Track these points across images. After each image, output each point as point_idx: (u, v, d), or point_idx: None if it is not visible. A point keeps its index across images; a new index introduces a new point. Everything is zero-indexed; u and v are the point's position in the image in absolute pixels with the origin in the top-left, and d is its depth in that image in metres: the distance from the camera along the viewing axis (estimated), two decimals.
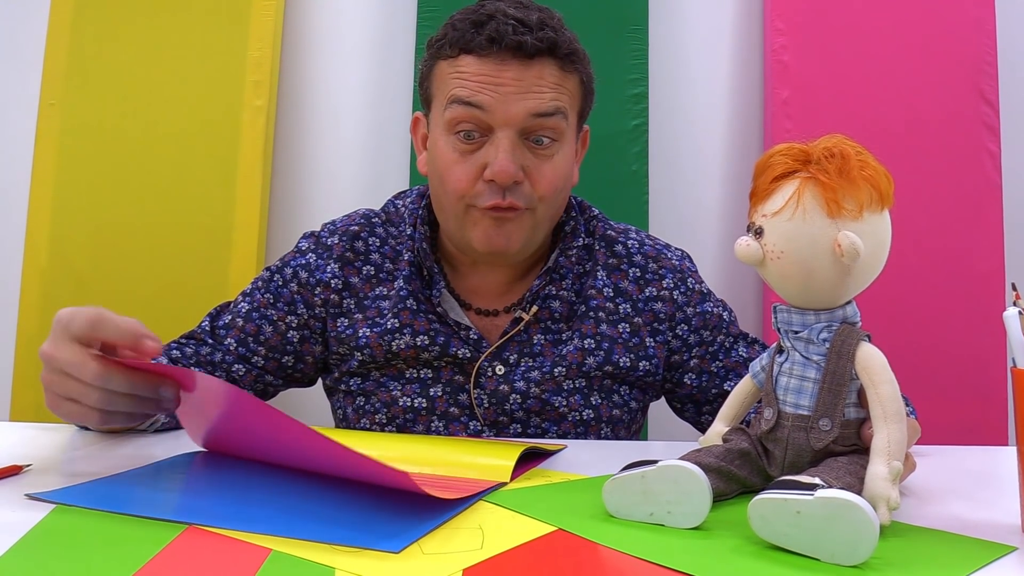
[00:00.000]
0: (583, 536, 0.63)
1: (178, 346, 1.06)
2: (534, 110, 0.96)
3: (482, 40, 0.95)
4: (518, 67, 0.96)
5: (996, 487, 0.81)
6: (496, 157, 0.96)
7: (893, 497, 0.60)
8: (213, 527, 0.62)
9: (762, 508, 0.59)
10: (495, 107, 0.96)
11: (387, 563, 0.57)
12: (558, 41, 0.97)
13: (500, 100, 0.95)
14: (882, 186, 0.65)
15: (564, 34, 0.99)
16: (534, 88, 0.96)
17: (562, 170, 1.01)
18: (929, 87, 1.68)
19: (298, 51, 1.73)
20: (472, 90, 0.96)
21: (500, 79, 0.96)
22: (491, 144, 0.97)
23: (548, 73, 0.97)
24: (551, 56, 0.97)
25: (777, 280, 0.68)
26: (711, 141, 1.73)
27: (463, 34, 0.97)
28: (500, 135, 0.96)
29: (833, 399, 0.66)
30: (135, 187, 1.65)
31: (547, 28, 0.97)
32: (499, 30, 0.95)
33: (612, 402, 1.06)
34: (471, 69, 0.96)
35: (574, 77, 1.01)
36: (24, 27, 1.70)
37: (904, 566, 0.57)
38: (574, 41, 1.00)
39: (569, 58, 0.99)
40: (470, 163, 0.98)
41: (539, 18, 0.97)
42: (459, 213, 1.00)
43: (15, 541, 0.59)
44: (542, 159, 0.99)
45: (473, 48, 0.96)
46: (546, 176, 0.99)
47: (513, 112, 0.96)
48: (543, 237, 1.05)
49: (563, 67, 0.99)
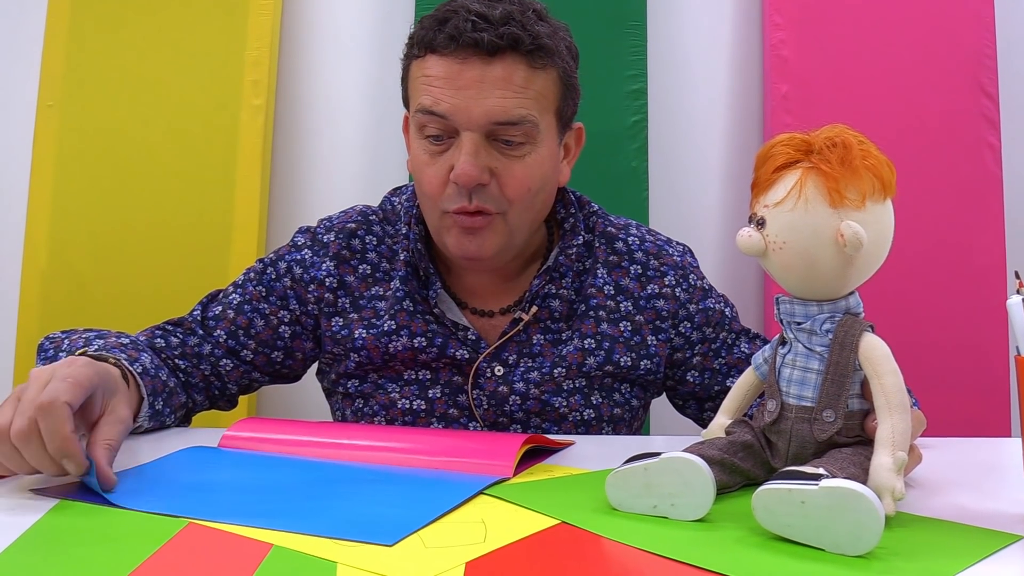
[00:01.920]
0: (586, 529, 0.62)
1: (164, 334, 1.04)
2: (496, 117, 0.93)
3: (443, 38, 0.93)
4: (480, 65, 0.92)
5: (1000, 478, 0.81)
6: (459, 160, 0.93)
7: (898, 487, 0.60)
8: (213, 522, 0.62)
9: (766, 499, 0.59)
10: (456, 113, 0.93)
11: (389, 557, 0.56)
12: (521, 37, 0.92)
13: (461, 105, 0.92)
14: (884, 175, 0.65)
15: (533, 28, 0.93)
16: (497, 90, 0.93)
17: (536, 171, 0.97)
18: (929, 81, 1.68)
19: (296, 50, 1.72)
20: (435, 98, 0.93)
21: (461, 80, 0.93)
22: (456, 146, 0.95)
23: (514, 72, 0.93)
24: (515, 52, 0.93)
25: (779, 271, 0.68)
26: (711, 137, 1.72)
27: (427, 32, 0.95)
28: (464, 138, 0.94)
29: (837, 390, 0.66)
30: (134, 187, 1.64)
31: (512, 23, 0.93)
32: (459, 26, 0.92)
33: (613, 401, 1.05)
34: (434, 71, 0.94)
35: (547, 73, 0.96)
36: (21, 27, 1.70)
37: (909, 556, 0.57)
38: (545, 35, 0.94)
39: (536, 54, 0.94)
40: (439, 165, 0.96)
41: (504, 12, 0.93)
42: (435, 219, 0.99)
43: (15, 538, 0.59)
44: (512, 159, 0.96)
45: (436, 47, 0.94)
46: (516, 177, 0.96)
47: (474, 116, 0.93)
48: (523, 240, 1.03)
49: (531, 64, 0.94)
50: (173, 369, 1.02)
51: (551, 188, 1.02)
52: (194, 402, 1.04)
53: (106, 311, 1.59)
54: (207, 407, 1.08)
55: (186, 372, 1.03)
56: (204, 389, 1.05)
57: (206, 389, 1.05)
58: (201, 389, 1.05)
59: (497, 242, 0.98)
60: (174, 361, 1.02)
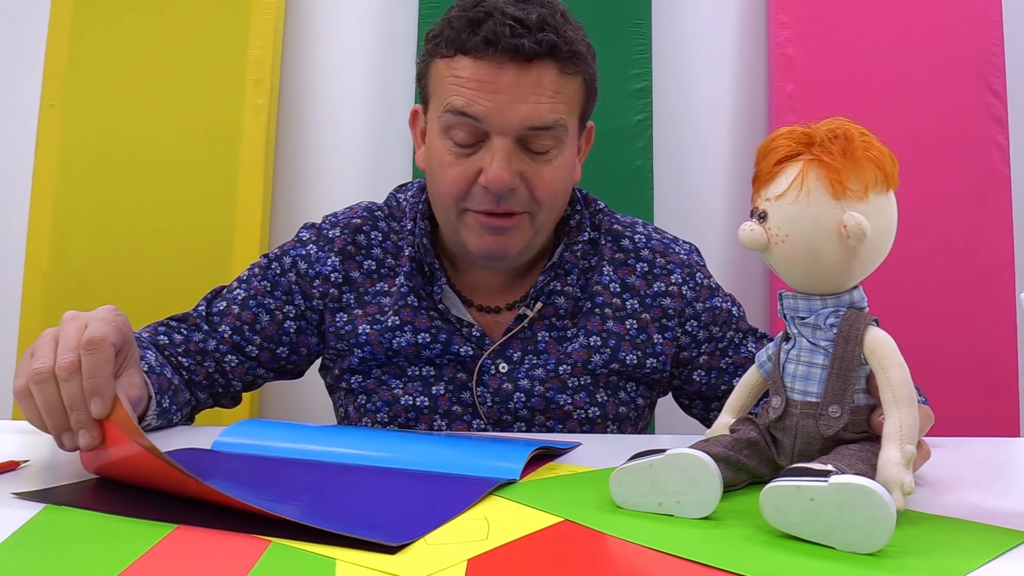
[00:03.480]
0: (590, 527, 0.61)
1: (167, 330, 1.04)
2: (531, 123, 0.93)
3: (478, 41, 0.92)
4: (515, 71, 0.92)
5: (1011, 477, 0.80)
6: (491, 165, 0.93)
7: (907, 481, 0.59)
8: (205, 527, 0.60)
9: (775, 496, 0.58)
10: (490, 116, 0.93)
11: (390, 554, 0.56)
12: (558, 43, 0.93)
13: (496, 109, 0.92)
14: (887, 167, 0.64)
15: (566, 33, 0.94)
16: (531, 95, 0.93)
17: (562, 173, 0.98)
18: (935, 79, 1.67)
19: (299, 49, 1.72)
20: (467, 99, 0.93)
21: (496, 85, 0.92)
22: (486, 150, 0.94)
23: (547, 78, 0.93)
24: (551, 59, 0.93)
25: (782, 265, 0.66)
26: (716, 135, 1.72)
27: (459, 33, 0.94)
28: (496, 142, 0.93)
29: (842, 385, 0.65)
30: (136, 187, 1.64)
31: (547, 29, 0.92)
32: (496, 31, 0.91)
33: (618, 399, 1.05)
34: (467, 73, 0.93)
35: (576, 79, 0.97)
36: (24, 27, 1.70)
37: (921, 553, 0.56)
38: (576, 40, 0.95)
39: (571, 60, 0.95)
40: (465, 166, 0.95)
41: (539, 17, 0.92)
42: (452, 216, 0.99)
43: (6, 536, 0.58)
44: (541, 163, 0.96)
45: (469, 49, 0.93)
46: (545, 180, 0.96)
47: (509, 121, 0.93)
48: (544, 240, 1.03)
49: (564, 70, 0.95)
50: (176, 367, 1.02)
51: (571, 188, 1.04)
52: (198, 400, 1.04)
53: None
54: (210, 405, 1.07)
55: (189, 370, 1.03)
56: (208, 387, 1.05)
57: (210, 386, 1.05)
58: (205, 387, 1.04)
59: (522, 242, 0.99)
60: (177, 359, 1.02)
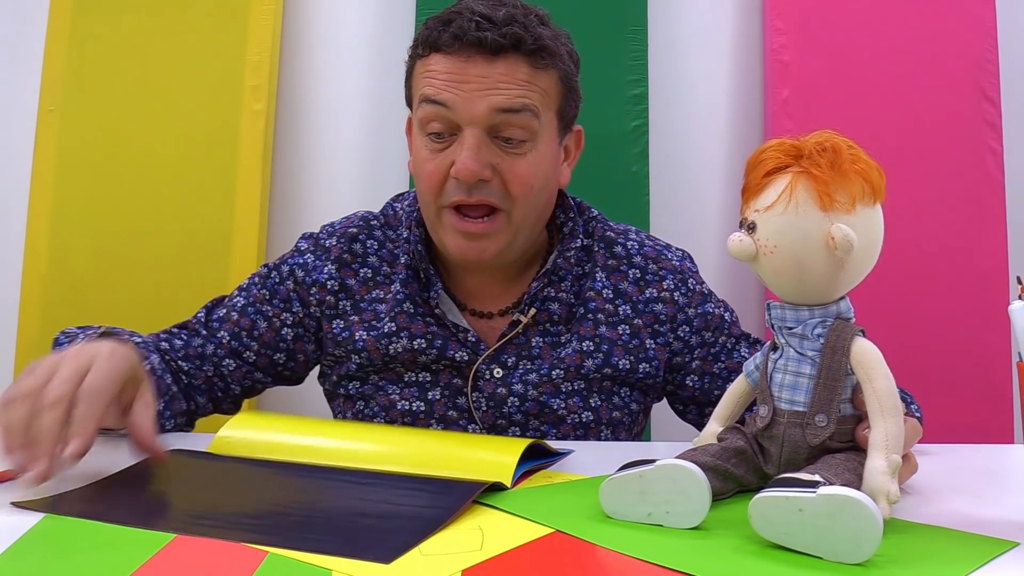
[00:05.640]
0: (581, 538, 0.62)
1: (168, 336, 1.06)
2: (498, 106, 0.95)
3: (447, 37, 0.95)
4: (483, 63, 0.95)
5: (1001, 484, 0.81)
6: (461, 155, 0.95)
7: (893, 491, 0.60)
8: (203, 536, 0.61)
9: (763, 507, 0.59)
10: (459, 104, 0.95)
11: (385, 565, 0.56)
12: (523, 36, 0.95)
13: (465, 97, 0.95)
14: (874, 179, 0.65)
15: (534, 29, 0.96)
16: (500, 84, 0.95)
17: (538, 169, 0.99)
18: (930, 85, 1.67)
19: (297, 55, 1.72)
20: (438, 88, 0.96)
21: (464, 76, 0.95)
22: (458, 142, 0.96)
23: (518, 70, 0.96)
24: (517, 52, 0.96)
25: (770, 275, 0.67)
26: (711, 141, 1.72)
27: (432, 32, 0.97)
28: (466, 133, 0.95)
29: (829, 395, 0.66)
30: (135, 192, 1.64)
31: (514, 24, 0.95)
32: (463, 27, 0.95)
33: (612, 404, 1.05)
34: (439, 67, 0.96)
35: (548, 74, 0.99)
36: (23, 33, 1.70)
37: (908, 563, 0.57)
38: (546, 37, 0.97)
39: (538, 54, 0.97)
40: (439, 160, 0.97)
41: (507, 14, 0.96)
42: (432, 215, 1.00)
43: (7, 547, 0.58)
44: (513, 157, 0.97)
45: (440, 45, 0.96)
46: (519, 174, 0.97)
47: (478, 109, 0.95)
48: (526, 241, 1.04)
49: (533, 63, 0.97)
50: (176, 372, 1.03)
51: (552, 188, 1.04)
52: (196, 404, 1.05)
53: (106, 316, 1.57)
54: (210, 410, 1.08)
55: (189, 374, 1.04)
56: (207, 391, 1.06)
57: (208, 391, 1.06)
58: (204, 391, 1.06)
59: (500, 244, 1.00)
60: (177, 363, 1.04)
